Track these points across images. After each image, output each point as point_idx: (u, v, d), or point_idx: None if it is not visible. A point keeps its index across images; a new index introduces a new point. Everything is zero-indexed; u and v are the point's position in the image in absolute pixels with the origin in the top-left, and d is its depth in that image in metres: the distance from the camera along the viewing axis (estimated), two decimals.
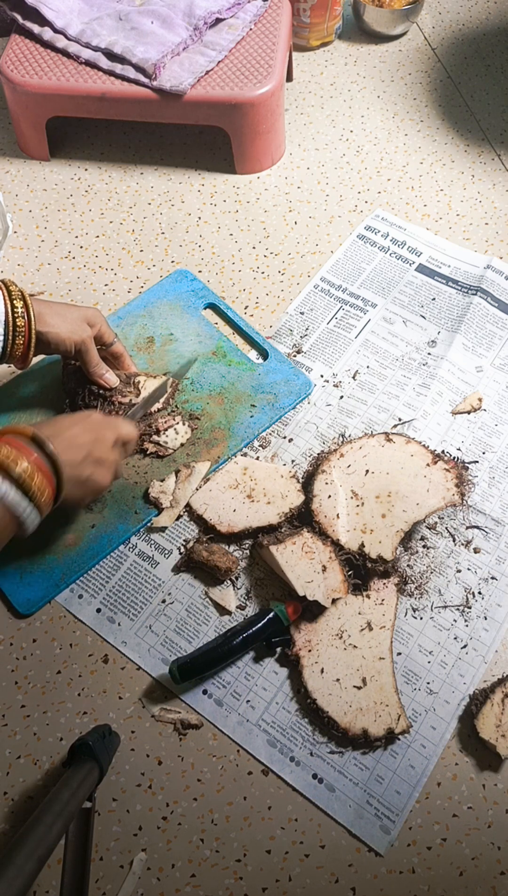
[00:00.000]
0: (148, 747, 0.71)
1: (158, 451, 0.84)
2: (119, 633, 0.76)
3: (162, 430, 0.84)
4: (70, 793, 0.59)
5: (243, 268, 1.01)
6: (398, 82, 1.20)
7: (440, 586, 0.78)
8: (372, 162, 1.12)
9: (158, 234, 1.05)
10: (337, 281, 1.00)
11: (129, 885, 0.65)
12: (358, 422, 0.88)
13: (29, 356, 0.77)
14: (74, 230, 1.05)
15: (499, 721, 0.70)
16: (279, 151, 1.12)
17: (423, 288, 0.99)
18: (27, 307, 0.75)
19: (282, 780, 0.70)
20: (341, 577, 0.74)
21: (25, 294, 0.75)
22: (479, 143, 1.13)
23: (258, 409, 0.88)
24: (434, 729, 0.72)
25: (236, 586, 0.78)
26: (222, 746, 0.71)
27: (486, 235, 1.04)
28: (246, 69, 1.02)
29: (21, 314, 0.74)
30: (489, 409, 0.89)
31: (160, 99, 1.01)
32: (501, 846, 0.67)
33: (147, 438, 0.84)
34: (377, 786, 0.69)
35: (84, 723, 0.72)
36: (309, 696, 0.71)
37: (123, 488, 0.82)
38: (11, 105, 1.07)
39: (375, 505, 0.78)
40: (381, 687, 0.71)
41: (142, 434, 0.84)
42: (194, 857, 0.67)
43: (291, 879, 0.66)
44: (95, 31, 1.04)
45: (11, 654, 0.75)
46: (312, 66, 1.23)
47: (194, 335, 0.93)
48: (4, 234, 1.00)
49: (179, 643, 0.76)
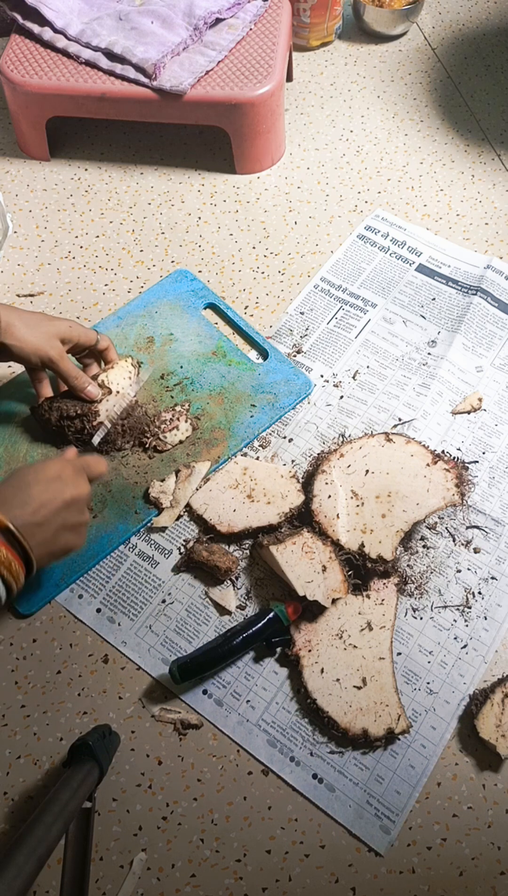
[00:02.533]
0: (148, 747, 0.71)
1: (158, 445, 0.84)
2: (119, 633, 0.76)
3: (168, 430, 0.84)
4: (70, 793, 0.59)
5: (243, 268, 1.01)
6: (398, 82, 1.20)
7: (440, 586, 0.78)
8: (372, 162, 1.12)
9: (158, 234, 1.05)
10: (337, 281, 1.00)
11: (129, 885, 0.65)
12: (358, 422, 0.88)
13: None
14: (74, 230, 1.05)
15: (499, 721, 0.70)
16: (279, 151, 1.12)
17: (423, 288, 0.99)
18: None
19: (282, 780, 0.70)
20: (341, 577, 0.74)
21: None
22: (479, 143, 1.13)
23: (258, 409, 0.88)
24: (434, 729, 0.72)
25: (236, 586, 0.78)
26: (222, 746, 0.71)
27: (486, 235, 1.04)
28: (246, 69, 1.02)
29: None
30: (489, 409, 0.89)
31: (160, 99, 1.01)
32: (501, 846, 0.67)
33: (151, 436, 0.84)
34: (377, 786, 0.69)
35: (84, 723, 0.72)
36: (309, 696, 0.71)
37: (123, 488, 0.82)
38: (11, 105, 1.07)
39: (375, 505, 0.78)
40: (381, 687, 0.71)
41: (145, 433, 0.84)
42: (194, 857, 0.67)
43: (291, 879, 0.66)
44: (95, 31, 1.04)
45: (11, 654, 0.75)
46: (312, 66, 1.23)
47: (194, 335, 0.93)
48: (4, 234, 1.00)
49: (179, 643, 0.76)
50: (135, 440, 0.85)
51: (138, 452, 0.84)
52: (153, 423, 0.84)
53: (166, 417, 0.85)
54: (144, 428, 0.84)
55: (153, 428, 0.84)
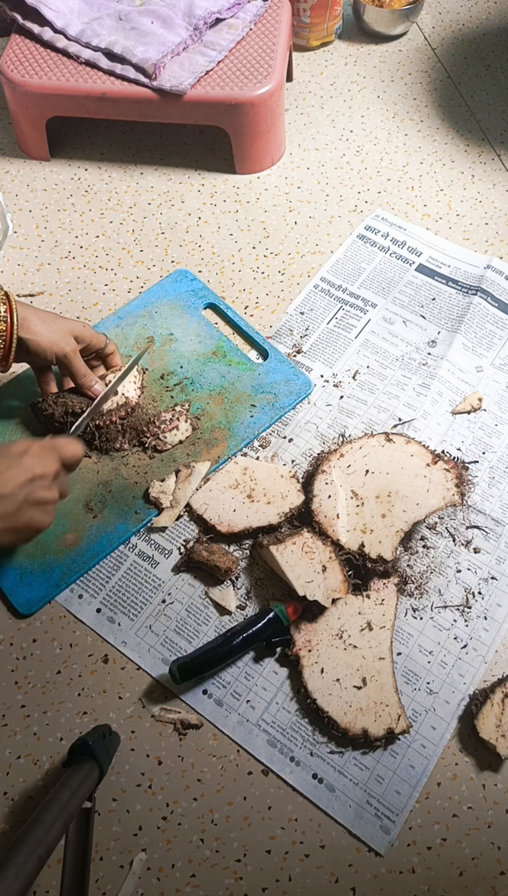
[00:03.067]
0: (148, 747, 0.71)
1: (158, 444, 0.84)
2: (119, 633, 0.76)
3: (168, 430, 0.84)
4: (70, 793, 0.59)
5: (243, 268, 1.01)
6: (398, 82, 1.20)
7: (440, 586, 0.78)
8: (372, 162, 1.12)
9: (158, 234, 1.05)
10: (337, 281, 1.00)
11: (129, 885, 0.65)
12: (358, 422, 0.88)
13: (9, 360, 0.77)
14: (74, 230, 1.05)
15: (499, 721, 0.70)
16: (279, 151, 1.12)
17: (423, 288, 0.99)
18: (11, 310, 0.74)
19: (282, 780, 0.70)
20: (341, 577, 0.74)
21: (12, 297, 0.75)
22: (479, 143, 1.13)
23: (258, 409, 0.88)
24: (434, 729, 0.72)
25: (236, 586, 0.78)
26: (222, 746, 0.71)
27: (486, 235, 1.04)
28: (246, 69, 1.02)
29: (3, 317, 0.74)
30: (489, 409, 0.89)
31: (160, 99, 1.01)
32: (501, 846, 0.67)
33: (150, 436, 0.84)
34: (377, 786, 0.69)
35: (84, 723, 0.72)
36: (309, 696, 0.71)
37: (123, 488, 0.82)
38: (11, 105, 1.07)
39: (375, 505, 0.78)
40: (381, 687, 0.71)
41: (145, 432, 0.84)
42: (194, 857, 0.67)
43: (291, 879, 0.66)
44: (95, 31, 1.04)
45: (11, 654, 0.75)
46: (312, 66, 1.23)
47: (193, 335, 0.93)
48: (4, 234, 1.00)
49: (179, 643, 0.76)
50: (135, 440, 0.85)
51: (138, 452, 0.84)
52: (153, 423, 0.84)
53: (166, 417, 0.85)
54: (143, 428, 0.84)
55: (153, 428, 0.84)
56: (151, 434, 0.84)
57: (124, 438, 0.84)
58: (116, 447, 0.84)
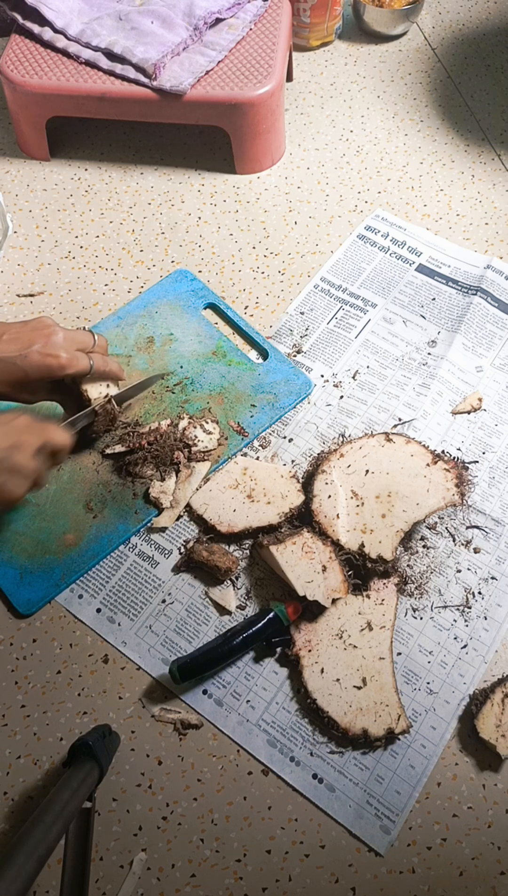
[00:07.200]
0: (148, 747, 0.71)
1: (199, 457, 0.83)
2: (119, 633, 0.76)
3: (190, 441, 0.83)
4: (70, 793, 0.59)
5: (243, 268, 1.01)
6: (398, 82, 1.20)
7: (441, 586, 0.78)
8: (372, 162, 1.12)
9: (158, 234, 1.05)
10: (337, 281, 1.00)
11: (129, 885, 0.65)
12: (358, 422, 0.88)
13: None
14: (74, 230, 1.05)
15: (499, 721, 0.70)
16: (279, 151, 1.12)
17: (423, 288, 0.99)
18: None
19: (282, 780, 0.70)
20: (341, 577, 0.74)
21: None
22: (479, 143, 1.13)
23: (258, 409, 0.88)
24: (434, 729, 0.72)
25: (236, 586, 0.78)
26: (222, 746, 0.71)
27: (486, 235, 1.04)
28: (246, 69, 1.02)
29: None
30: (489, 409, 0.89)
31: (160, 99, 1.01)
32: (501, 846, 0.67)
33: (180, 452, 0.83)
34: (377, 786, 0.69)
35: (84, 723, 0.72)
36: (309, 696, 0.71)
37: (123, 488, 0.82)
38: (11, 105, 1.07)
39: (375, 505, 0.78)
40: (381, 687, 0.71)
41: (173, 447, 0.82)
42: (194, 857, 0.67)
43: (291, 879, 0.66)
44: (95, 31, 1.04)
45: (11, 654, 0.75)
46: (312, 66, 1.23)
47: (193, 335, 0.93)
48: (4, 234, 1.00)
49: (179, 643, 0.76)
50: (166, 464, 0.82)
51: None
52: (180, 440, 0.83)
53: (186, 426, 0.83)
54: (174, 446, 0.82)
55: (180, 444, 0.83)
56: (184, 447, 0.82)
57: (149, 464, 0.82)
58: (143, 473, 0.82)
